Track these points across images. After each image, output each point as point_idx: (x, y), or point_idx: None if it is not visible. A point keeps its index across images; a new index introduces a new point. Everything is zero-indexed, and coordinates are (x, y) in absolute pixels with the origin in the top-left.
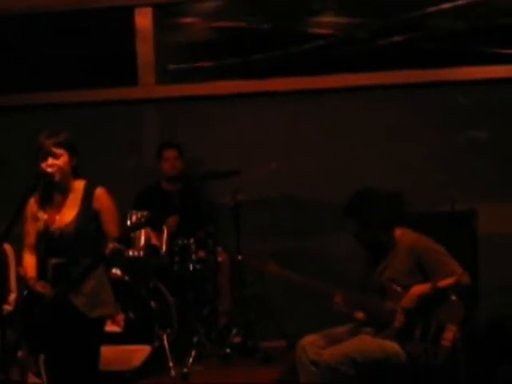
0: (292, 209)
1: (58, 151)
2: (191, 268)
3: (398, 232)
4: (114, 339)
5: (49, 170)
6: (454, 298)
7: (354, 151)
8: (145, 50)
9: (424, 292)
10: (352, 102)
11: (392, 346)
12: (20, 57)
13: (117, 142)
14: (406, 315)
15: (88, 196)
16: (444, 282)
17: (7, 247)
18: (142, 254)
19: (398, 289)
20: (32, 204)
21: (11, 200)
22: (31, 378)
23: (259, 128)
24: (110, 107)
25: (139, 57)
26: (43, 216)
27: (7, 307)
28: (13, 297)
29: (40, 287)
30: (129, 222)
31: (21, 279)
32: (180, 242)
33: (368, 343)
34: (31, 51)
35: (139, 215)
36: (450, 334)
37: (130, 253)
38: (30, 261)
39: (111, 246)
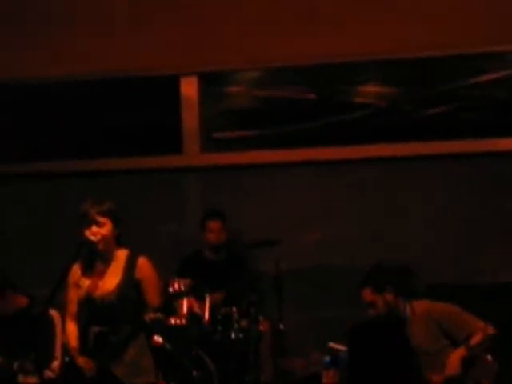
0: (332, 278)
1: (102, 219)
2: (233, 337)
3: (414, 304)
4: None
5: (92, 238)
6: (485, 356)
7: (393, 221)
8: (190, 119)
9: (463, 355)
10: (391, 172)
11: None
12: (65, 125)
13: (160, 210)
14: (450, 382)
15: (130, 265)
16: (475, 340)
17: (54, 313)
18: (184, 322)
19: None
20: (75, 271)
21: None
22: None
23: (301, 196)
24: (154, 175)
25: (184, 125)
26: (85, 283)
27: (50, 374)
28: (56, 364)
29: (82, 362)
30: (171, 290)
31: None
32: (223, 310)
33: None
34: (77, 119)
35: (182, 283)
36: None
37: (172, 321)
38: (71, 329)
39: (151, 315)
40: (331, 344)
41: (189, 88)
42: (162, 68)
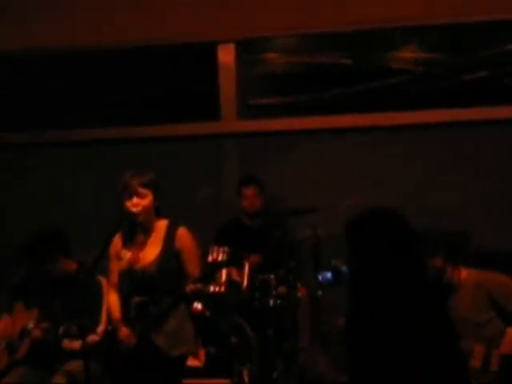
0: None
1: (144, 191)
2: (272, 304)
3: (463, 272)
4: (194, 374)
5: (133, 209)
6: None
7: (433, 185)
8: (227, 85)
9: None
10: (429, 138)
11: None
12: (105, 93)
13: (197, 176)
14: (504, 360)
15: (170, 235)
16: None
17: (102, 279)
18: (223, 289)
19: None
20: (116, 242)
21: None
22: None
23: (338, 163)
24: (192, 141)
25: (221, 92)
26: (126, 255)
27: (95, 337)
28: (101, 329)
29: (124, 335)
30: (210, 258)
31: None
32: (261, 277)
33: None
34: (116, 87)
35: (220, 251)
36: None
37: (212, 288)
38: (113, 300)
39: (192, 286)
40: (334, 262)
41: (226, 55)
42: (199, 36)
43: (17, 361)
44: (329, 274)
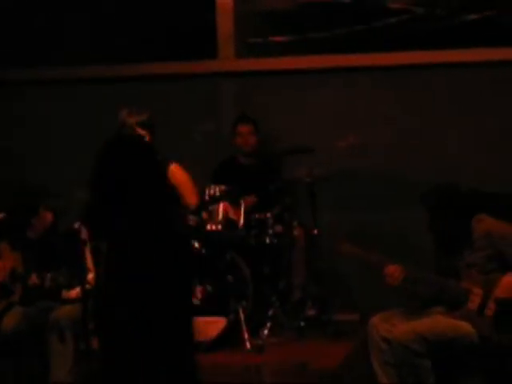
0: (368, 183)
1: (141, 132)
2: (268, 242)
3: (475, 220)
4: None
5: None
6: None
7: (432, 127)
8: (225, 23)
9: None
10: (430, 79)
11: (465, 326)
12: (101, 30)
13: (194, 115)
14: (499, 305)
15: None
16: None
17: (79, 226)
18: (219, 227)
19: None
20: None
21: None
22: None
23: (337, 103)
24: (188, 80)
25: (219, 30)
26: None
27: (87, 286)
28: (91, 276)
29: None
30: (206, 196)
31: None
32: (257, 216)
33: (440, 322)
34: (112, 24)
35: (216, 189)
36: None
37: (208, 226)
38: None
39: (192, 218)
40: None
41: None
42: None
43: (13, 302)
44: None
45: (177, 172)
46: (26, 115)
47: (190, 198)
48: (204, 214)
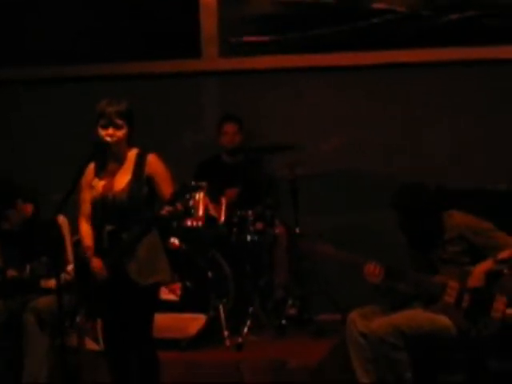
0: (351, 184)
1: (120, 121)
2: (249, 239)
3: (446, 215)
4: (170, 307)
5: (108, 139)
6: (504, 270)
7: (415, 128)
8: (208, 23)
9: (489, 268)
10: (412, 79)
11: (442, 319)
12: (84, 27)
13: (177, 114)
14: (474, 294)
15: (140, 162)
16: (503, 255)
17: (61, 219)
18: (200, 224)
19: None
20: (89, 172)
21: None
22: (89, 344)
23: (320, 102)
24: (172, 79)
25: (203, 29)
26: (98, 184)
27: (66, 276)
28: (70, 267)
29: (95, 264)
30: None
31: (77, 245)
32: (239, 213)
33: (417, 316)
34: (94, 22)
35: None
36: (500, 305)
37: (189, 223)
38: (85, 229)
39: (167, 208)
40: None
41: None
42: None
43: None
44: None
45: (154, 162)
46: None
47: (166, 188)
48: (179, 205)
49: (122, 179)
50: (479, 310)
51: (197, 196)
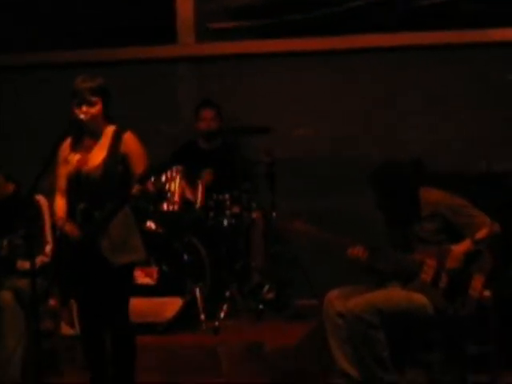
0: (327, 168)
1: (94, 99)
2: (225, 223)
3: (422, 192)
4: (146, 291)
5: (82, 116)
6: (481, 248)
7: (391, 113)
8: (185, 8)
9: (467, 249)
10: (387, 63)
11: (419, 297)
12: (58, 14)
13: (154, 100)
14: (452, 275)
15: (116, 140)
16: (481, 234)
17: (40, 198)
18: (176, 207)
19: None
20: (64, 148)
21: None
22: (64, 328)
23: (297, 87)
24: (148, 65)
25: (179, 15)
26: (74, 159)
27: (44, 258)
28: (49, 248)
29: (68, 228)
30: (163, 177)
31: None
32: (215, 197)
33: (394, 294)
34: (70, 9)
35: (174, 169)
36: (477, 284)
37: (165, 206)
38: (60, 203)
39: (137, 186)
40: None
41: None
42: None
43: None
44: None
45: (130, 141)
46: None
47: (139, 167)
48: (150, 185)
49: (97, 155)
50: (457, 288)
51: (173, 180)
